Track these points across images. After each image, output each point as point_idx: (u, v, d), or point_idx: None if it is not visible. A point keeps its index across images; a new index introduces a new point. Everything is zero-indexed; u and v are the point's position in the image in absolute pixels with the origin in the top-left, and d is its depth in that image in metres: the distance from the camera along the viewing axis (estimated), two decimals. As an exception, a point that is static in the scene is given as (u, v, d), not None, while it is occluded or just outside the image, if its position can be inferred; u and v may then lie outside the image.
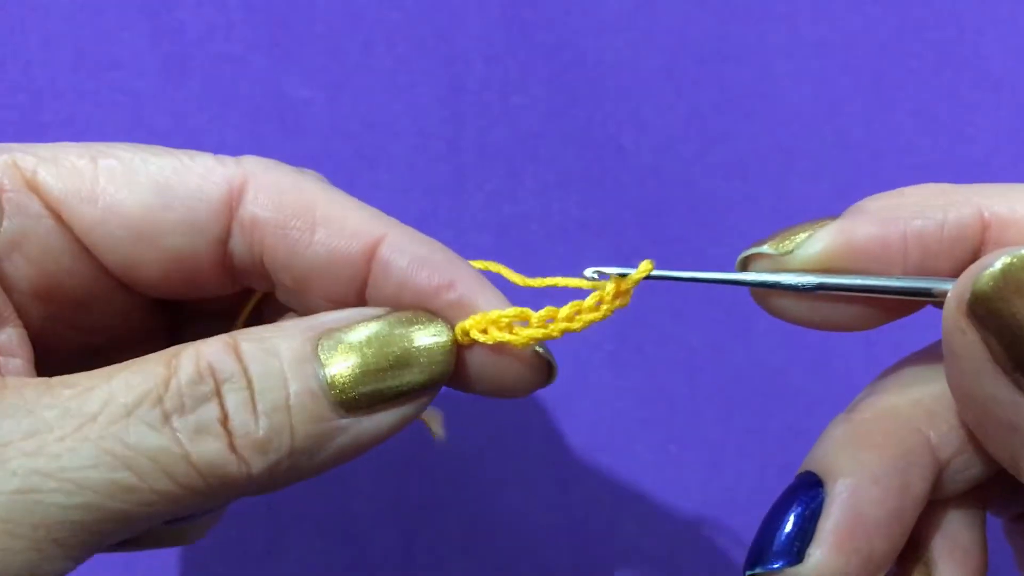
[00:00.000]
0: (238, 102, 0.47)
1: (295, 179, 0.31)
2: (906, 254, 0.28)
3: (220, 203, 0.31)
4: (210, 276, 0.32)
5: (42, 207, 0.30)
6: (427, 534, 0.48)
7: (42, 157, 0.30)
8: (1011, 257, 0.25)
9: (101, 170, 0.30)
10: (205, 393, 0.27)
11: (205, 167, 0.31)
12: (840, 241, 0.29)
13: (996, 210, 0.28)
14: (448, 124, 0.47)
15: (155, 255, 0.31)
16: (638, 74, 0.47)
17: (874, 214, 0.29)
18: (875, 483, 0.28)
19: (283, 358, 0.28)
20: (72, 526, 0.25)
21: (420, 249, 0.30)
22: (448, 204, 0.47)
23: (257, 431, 0.27)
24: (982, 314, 0.25)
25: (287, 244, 0.30)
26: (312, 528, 0.47)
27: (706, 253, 0.47)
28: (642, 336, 0.47)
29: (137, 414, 0.26)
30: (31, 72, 0.46)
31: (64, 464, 0.25)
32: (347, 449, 0.29)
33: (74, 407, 0.26)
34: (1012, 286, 0.25)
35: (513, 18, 0.47)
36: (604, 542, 0.48)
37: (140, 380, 0.27)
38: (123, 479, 0.26)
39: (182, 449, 0.26)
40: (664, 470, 0.48)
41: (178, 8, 0.46)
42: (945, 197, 0.29)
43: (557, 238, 0.47)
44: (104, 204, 0.30)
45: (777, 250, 0.29)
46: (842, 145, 0.47)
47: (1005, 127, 0.47)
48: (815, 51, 0.47)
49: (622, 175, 0.47)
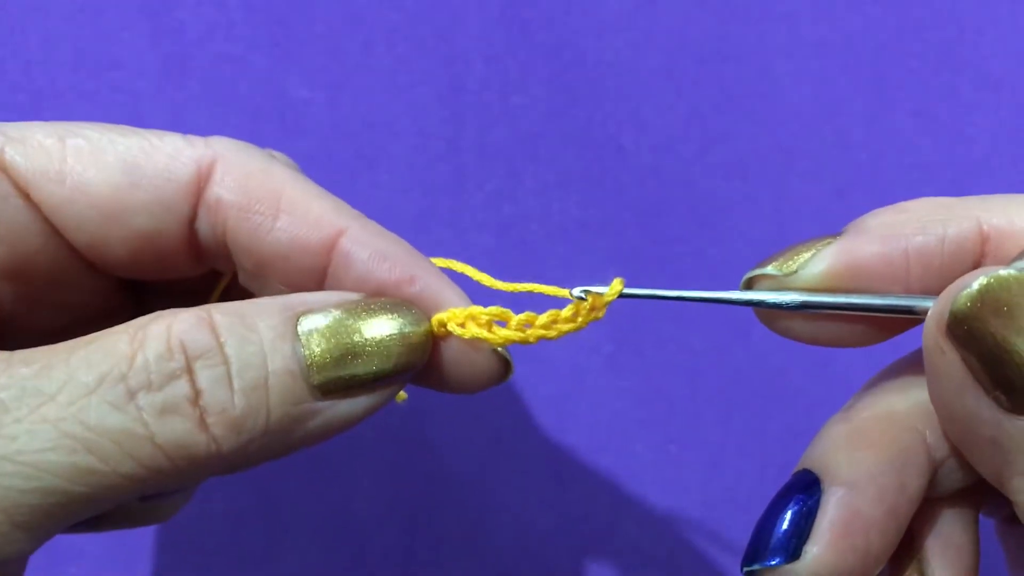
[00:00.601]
0: (238, 102, 0.47)
1: (264, 163, 0.31)
2: (908, 271, 0.29)
3: (188, 183, 0.30)
4: (178, 256, 0.32)
5: (10, 186, 0.30)
6: (427, 534, 0.48)
7: (10, 136, 0.30)
8: (989, 277, 0.25)
9: (69, 149, 0.30)
10: (174, 370, 0.26)
11: (174, 147, 0.31)
12: (843, 261, 0.29)
13: (995, 222, 0.29)
14: (448, 124, 0.47)
15: (123, 234, 0.30)
16: (638, 74, 0.47)
17: (875, 231, 0.29)
18: (871, 481, 0.28)
19: (263, 335, 0.27)
20: (32, 509, 0.25)
21: (381, 243, 0.30)
22: (448, 204, 0.47)
23: (234, 409, 0.26)
24: (961, 334, 0.25)
25: (249, 227, 0.30)
26: (312, 528, 0.47)
27: (706, 253, 0.47)
28: (642, 337, 0.47)
29: (99, 393, 0.25)
30: (31, 72, 0.46)
31: (21, 447, 0.25)
32: (317, 432, 0.28)
33: (31, 386, 0.25)
34: (990, 306, 0.25)
35: (513, 18, 0.47)
36: (604, 542, 0.48)
37: (102, 357, 0.26)
38: (84, 462, 0.25)
39: (147, 430, 0.25)
40: (664, 470, 0.48)
41: (178, 8, 0.46)
42: (945, 211, 0.29)
43: (557, 238, 0.47)
44: (72, 183, 0.30)
45: (781, 271, 0.29)
46: (842, 145, 0.47)
47: (1005, 127, 0.47)
48: (815, 51, 0.47)
49: (622, 175, 0.47)
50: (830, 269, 0.29)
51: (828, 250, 0.29)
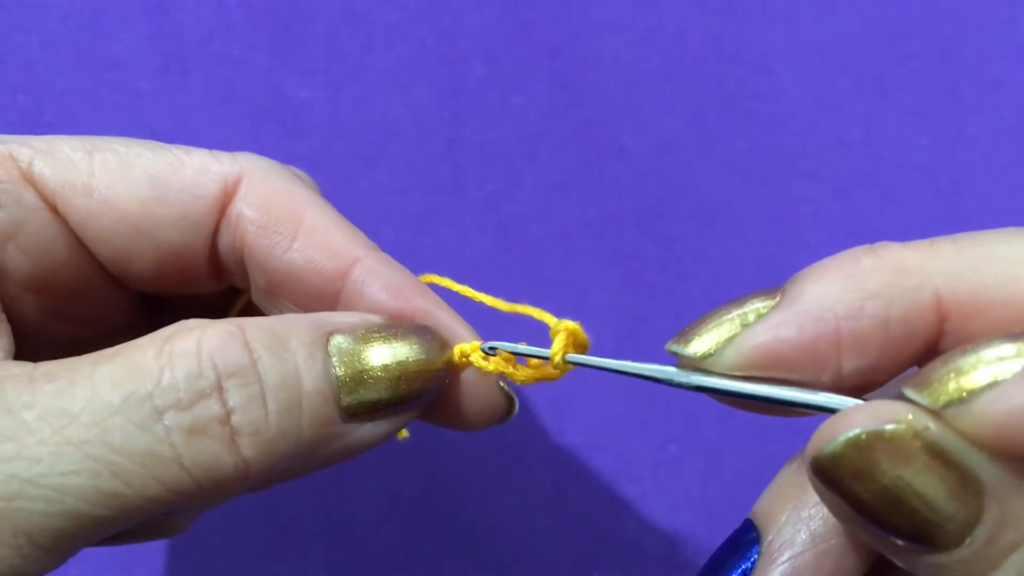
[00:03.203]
0: (238, 102, 0.47)
1: (288, 184, 0.31)
2: (840, 358, 0.25)
3: (214, 199, 0.31)
4: (200, 271, 0.32)
5: (38, 199, 0.30)
6: (427, 534, 0.48)
7: (38, 149, 0.30)
8: (841, 443, 0.23)
9: (96, 163, 0.30)
10: (204, 388, 0.25)
11: (200, 162, 0.31)
12: (762, 352, 0.25)
13: (957, 294, 0.25)
14: (448, 124, 0.47)
15: (149, 249, 0.31)
16: (638, 74, 0.47)
17: (806, 308, 0.25)
18: (812, 545, 0.26)
19: (296, 353, 0.27)
20: (55, 533, 0.24)
21: (394, 275, 0.31)
22: (448, 204, 0.47)
23: (268, 430, 0.26)
24: (827, 483, 0.24)
25: (266, 245, 0.30)
26: (312, 528, 0.47)
27: (706, 253, 0.47)
28: (641, 337, 0.47)
29: (124, 412, 0.24)
30: (31, 72, 0.46)
31: (44, 470, 0.24)
32: (337, 455, 0.28)
33: (54, 406, 0.24)
34: (847, 470, 0.23)
35: (513, 18, 0.47)
36: (604, 542, 0.48)
37: (126, 374, 0.25)
38: (108, 486, 0.24)
39: (173, 451, 0.25)
40: (664, 470, 0.48)
41: (178, 8, 0.46)
42: (899, 279, 0.25)
43: (557, 238, 0.47)
44: (100, 197, 0.30)
45: (697, 354, 0.27)
46: (842, 145, 0.47)
47: (1005, 127, 0.47)
48: (815, 51, 0.47)
49: (622, 175, 0.47)
50: (749, 360, 0.26)
51: (747, 336, 0.26)
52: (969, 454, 0.22)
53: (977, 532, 0.23)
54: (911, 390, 0.23)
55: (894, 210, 0.47)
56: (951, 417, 0.22)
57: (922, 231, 0.47)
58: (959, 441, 0.22)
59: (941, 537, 0.23)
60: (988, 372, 0.22)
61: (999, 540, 0.22)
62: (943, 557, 0.23)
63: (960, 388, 0.22)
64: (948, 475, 0.22)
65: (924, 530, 0.23)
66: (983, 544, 0.23)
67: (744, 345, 0.26)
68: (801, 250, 0.47)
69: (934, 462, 0.22)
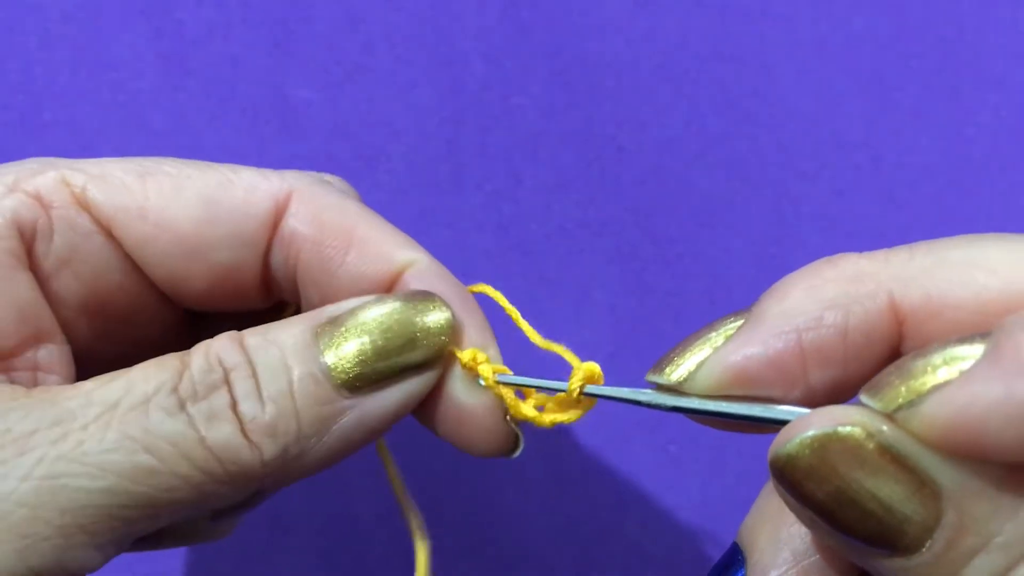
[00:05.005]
0: (238, 102, 0.47)
1: (337, 198, 0.32)
2: (806, 370, 0.26)
3: (266, 217, 0.32)
4: (252, 288, 0.33)
5: (92, 224, 0.31)
6: (427, 534, 0.48)
7: (90, 174, 0.31)
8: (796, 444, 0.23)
9: (150, 186, 0.31)
10: (215, 381, 0.28)
11: (250, 181, 0.32)
12: (732, 372, 0.26)
13: (911, 299, 0.25)
14: (448, 124, 0.47)
15: (203, 269, 0.32)
16: (638, 74, 0.47)
17: (768, 328, 0.26)
18: (796, 562, 0.26)
19: (285, 347, 0.29)
20: (97, 511, 0.26)
21: (440, 285, 0.31)
22: (448, 204, 0.47)
23: (264, 416, 0.28)
24: (784, 483, 0.24)
25: (321, 260, 0.32)
26: (312, 528, 0.47)
27: (706, 253, 0.47)
28: (642, 337, 0.47)
29: (155, 401, 0.27)
30: (31, 72, 0.46)
31: (87, 449, 0.26)
32: (355, 430, 0.29)
33: (96, 397, 0.27)
34: (802, 471, 0.23)
35: (513, 18, 0.47)
36: (604, 542, 0.48)
37: (156, 371, 0.28)
38: (144, 462, 0.27)
39: (197, 433, 0.27)
40: (664, 470, 0.48)
41: (178, 8, 0.46)
42: (854, 288, 0.26)
43: (557, 238, 0.47)
44: (154, 220, 0.31)
45: (672, 382, 0.27)
46: (842, 145, 0.47)
47: (1005, 127, 0.47)
48: (815, 51, 0.47)
49: (622, 175, 0.47)
50: (719, 381, 0.26)
51: (715, 359, 0.26)
52: (924, 456, 0.22)
53: (936, 536, 0.23)
54: (865, 395, 0.23)
55: (894, 210, 0.47)
56: (903, 420, 0.23)
57: (922, 231, 0.47)
58: (913, 443, 0.23)
59: (900, 540, 0.23)
60: (937, 375, 0.22)
61: (959, 544, 0.22)
62: (905, 562, 0.23)
63: (911, 391, 0.23)
64: (904, 477, 0.23)
65: (882, 533, 0.23)
66: (943, 548, 0.23)
67: (714, 367, 0.26)
68: (801, 250, 0.47)
69: (889, 464, 0.23)
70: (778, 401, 0.26)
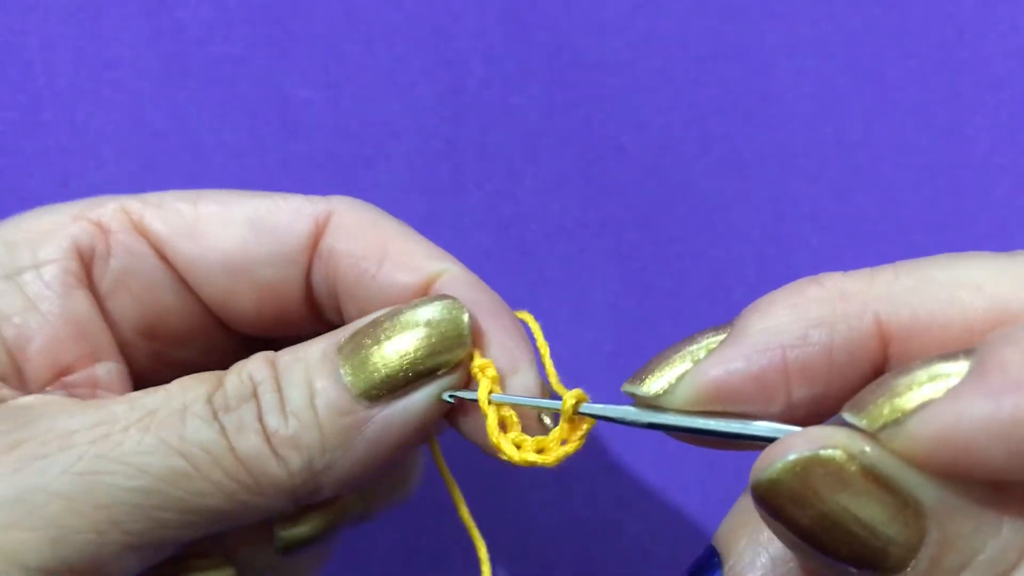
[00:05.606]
0: (238, 102, 0.47)
1: (374, 215, 0.34)
2: (789, 387, 0.26)
3: (307, 235, 0.33)
4: (298, 309, 0.34)
5: (147, 246, 0.33)
6: (427, 534, 0.48)
7: (148, 202, 0.33)
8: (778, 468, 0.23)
9: (201, 211, 0.33)
10: (245, 394, 0.29)
11: (295, 205, 0.33)
12: (713, 387, 0.26)
13: (897, 318, 0.25)
14: (448, 124, 0.47)
15: (248, 287, 0.33)
16: (638, 74, 0.47)
17: (752, 344, 0.26)
18: (774, 567, 0.26)
19: (309, 362, 0.30)
20: (132, 509, 0.27)
21: (471, 294, 0.32)
22: (448, 204, 0.47)
23: (287, 429, 0.29)
24: (767, 508, 0.24)
25: (356, 274, 0.33)
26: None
27: (706, 253, 0.47)
28: (642, 337, 0.47)
29: (192, 410, 0.29)
30: (31, 72, 0.46)
31: (126, 450, 0.28)
32: (382, 440, 0.30)
33: (138, 404, 0.29)
34: (785, 496, 0.23)
35: (513, 18, 0.47)
36: (604, 542, 0.48)
37: (194, 383, 0.30)
38: (179, 466, 0.28)
39: (228, 443, 0.28)
40: (664, 470, 0.48)
41: (178, 8, 0.46)
42: (841, 307, 0.25)
43: (557, 238, 0.47)
44: (203, 241, 0.33)
45: (650, 394, 0.27)
46: (842, 145, 0.47)
47: (1005, 127, 0.47)
48: (815, 51, 0.47)
49: (622, 175, 0.47)
50: (700, 396, 0.26)
51: (696, 372, 0.26)
52: (907, 476, 0.22)
53: (921, 555, 0.22)
54: (848, 414, 0.23)
55: (894, 210, 0.47)
56: (887, 439, 0.22)
57: (922, 231, 0.47)
58: (896, 463, 0.22)
59: (885, 561, 0.23)
60: (922, 392, 0.22)
61: (944, 562, 0.22)
62: None
63: (895, 409, 0.22)
64: (887, 498, 0.22)
65: (866, 555, 0.23)
66: (928, 567, 0.22)
67: (695, 381, 0.26)
68: (801, 250, 0.47)
69: (872, 486, 0.22)
70: (755, 417, 0.26)
